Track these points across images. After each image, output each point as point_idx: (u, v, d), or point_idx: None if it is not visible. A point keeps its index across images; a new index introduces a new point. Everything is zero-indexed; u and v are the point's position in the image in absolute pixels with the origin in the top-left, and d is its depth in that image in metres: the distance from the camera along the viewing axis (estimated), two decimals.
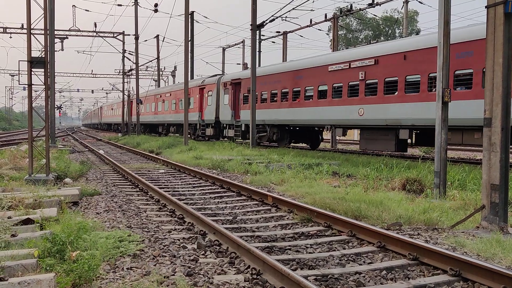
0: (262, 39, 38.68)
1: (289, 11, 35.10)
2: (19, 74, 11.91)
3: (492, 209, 6.36)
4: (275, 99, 22.29)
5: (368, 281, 4.49)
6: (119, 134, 45.10)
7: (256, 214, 7.83)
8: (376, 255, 5.40)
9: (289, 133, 23.02)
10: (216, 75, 30.41)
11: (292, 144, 24.21)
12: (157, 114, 40.02)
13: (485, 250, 5.37)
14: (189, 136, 32.15)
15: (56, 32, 28.39)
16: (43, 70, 10.74)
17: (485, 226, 6.40)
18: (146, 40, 58.16)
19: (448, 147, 9.28)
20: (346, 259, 5.21)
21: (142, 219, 7.25)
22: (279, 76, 22.11)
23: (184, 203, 8.23)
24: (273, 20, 22.86)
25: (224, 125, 27.41)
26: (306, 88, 19.98)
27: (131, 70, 45.76)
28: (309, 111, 19.63)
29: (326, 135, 30.04)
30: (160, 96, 38.61)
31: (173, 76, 63.66)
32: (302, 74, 20.27)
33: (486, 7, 6.48)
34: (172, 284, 4.31)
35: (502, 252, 5.28)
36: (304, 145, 25.36)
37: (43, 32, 11.13)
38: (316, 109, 19.16)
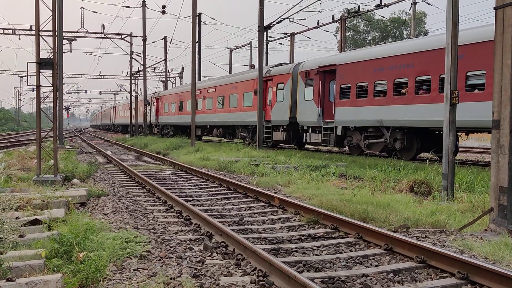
0: (269, 41, 38.79)
1: (296, 12, 34.99)
2: (27, 75, 11.98)
3: (501, 211, 6.31)
4: (401, 91, 16.01)
5: (375, 284, 4.47)
6: (127, 135, 45.19)
7: (262, 216, 7.82)
8: (383, 257, 5.38)
9: (418, 140, 16.51)
10: (287, 63, 24.75)
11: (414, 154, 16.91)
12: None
13: (493, 253, 5.33)
14: (242, 140, 26.85)
15: (64, 34, 28.62)
16: (51, 71, 10.81)
17: (493, 229, 6.35)
18: (154, 42, 58.56)
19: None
20: (353, 261, 5.19)
21: (149, 220, 7.26)
22: (409, 58, 15.66)
23: (191, 204, 8.24)
24: (280, 21, 22.84)
25: (305, 128, 21.32)
26: (469, 73, 13.65)
27: (138, 71, 45.96)
28: (477, 107, 13.19)
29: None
30: (200, 92, 31.45)
31: (180, 77, 63.96)
32: (462, 52, 12.32)
33: (494, 8, 6.44)
34: (178, 285, 4.32)
35: (511, 255, 5.23)
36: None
37: (51, 33, 11.21)
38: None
